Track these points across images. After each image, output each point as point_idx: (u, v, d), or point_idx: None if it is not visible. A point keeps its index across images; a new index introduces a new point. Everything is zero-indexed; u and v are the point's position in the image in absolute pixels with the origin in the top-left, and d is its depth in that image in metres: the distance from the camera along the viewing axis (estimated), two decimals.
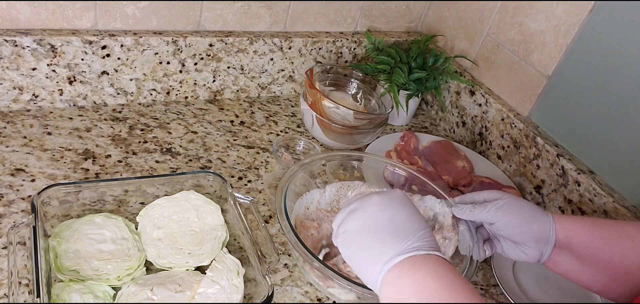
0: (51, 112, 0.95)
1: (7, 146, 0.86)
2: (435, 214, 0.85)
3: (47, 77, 0.93)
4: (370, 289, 0.69)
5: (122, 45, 0.96)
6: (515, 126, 1.10)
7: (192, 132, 1.01)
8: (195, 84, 1.08)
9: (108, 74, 0.98)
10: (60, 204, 0.72)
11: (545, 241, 0.71)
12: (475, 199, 0.78)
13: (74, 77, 0.95)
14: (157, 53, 0.99)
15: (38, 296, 0.59)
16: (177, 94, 1.07)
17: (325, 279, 0.74)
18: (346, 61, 1.24)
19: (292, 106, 1.18)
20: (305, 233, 0.82)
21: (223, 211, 0.80)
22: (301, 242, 0.71)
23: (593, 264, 0.70)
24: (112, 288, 0.68)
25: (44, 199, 0.70)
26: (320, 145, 1.06)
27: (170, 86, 1.05)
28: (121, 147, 0.92)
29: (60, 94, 0.95)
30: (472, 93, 1.19)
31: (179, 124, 1.02)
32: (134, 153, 0.92)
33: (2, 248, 0.71)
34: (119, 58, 0.97)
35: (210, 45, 1.04)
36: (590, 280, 0.71)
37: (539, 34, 1.06)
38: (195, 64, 1.05)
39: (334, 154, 0.91)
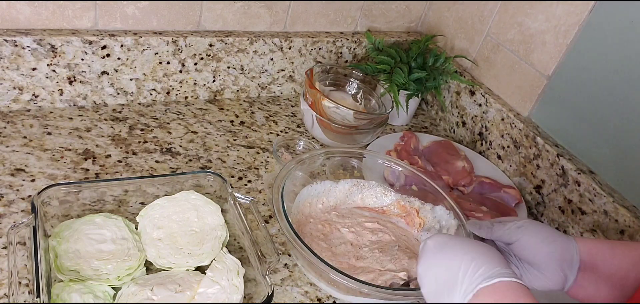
0: (51, 112, 0.95)
1: (7, 146, 0.86)
2: (441, 226, 0.86)
3: (47, 77, 0.93)
4: (373, 286, 0.69)
5: (122, 45, 0.96)
6: (515, 126, 1.10)
7: (192, 132, 1.01)
8: (195, 84, 1.08)
9: (108, 74, 0.98)
10: (60, 204, 0.72)
11: (569, 263, 0.67)
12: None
13: (74, 77, 0.95)
14: (157, 53, 0.99)
15: (38, 296, 0.59)
16: (177, 94, 1.07)
17: (326, 277, 0.74)
18: (346, 61, 1.24)
19: (292, 106, 1.18)
20: (306, 228, 0.82)
21: (223, 211, 0.80)
22: (301, 241, 0.71)
23: (621, 285, 0.66)
24: (112, 288, 0.68)
25: (44, 199, 0.70)
26: (320, 145, 1.06)
27: (170, 86, 1.05)
28: (121, 147, 0.92)
29: (60, 94, 0.95)
30: (472, 93, 1.19)
31: (179, 124, 1.02)
32: (134, 153, 0.92)
33: (2, 248, 0.71)
34: (119, 58, 0.97)
35: (210, 45, 1.04)
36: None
37: (539, 34, 1.06)
38: (195, 64, 1.05)
39: (331, 150, 0.91)
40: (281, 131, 1.09)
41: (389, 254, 0.81)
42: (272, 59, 1.13)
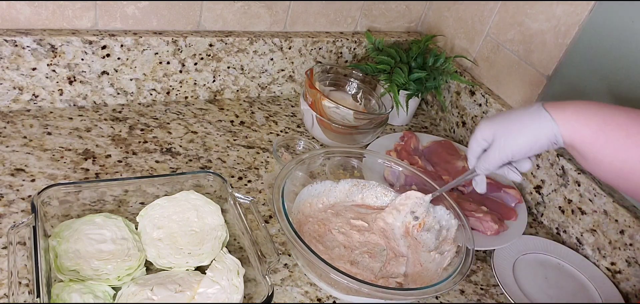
0: (51, 112, 0.95)
1: (7, 146, 0.86)
2: (441, 227, 0.86)
3: (47, 77, 0.93)
4: (373, 286, 0.69)
5: (122, 45, 0.96)
6: None
7: (192, 132, 1.01)
8: (195, 84, 1.08)
9: (108, 74, 0.98)
10: (60, 204, 0.72)
11: (552, 146, 0.69)
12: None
13: (74, 77, 0.95)
14: (157, 53, 0.99)
15: (38, 296, 0.59)
16: (177, 94, 1.07)
17: (326, 277, 0.74)
18: (346, 61, 1.24)
19: (292, 106, 1.18)
20: (307, 226, 0.82)
21: (223, 211, 0.80)
22: (302, 241, 0.71)
23: (596, 163, 0.67)
24: (112, 288, 0.68)
25: (44, 199, 0.70)
26: (320, 145, 1.06)
27: (170, 86, 1.05)
28: (121, 147, 0.92)
29: (60, 94, 0.95)
30: (472, 93, 1.19)
31: (179, 124, 1.02)
32: (134, 153, 0.92)
33: (2, 248, 0.71)
34: (119, 58, 0.97)
35: (210, 45, 1.04)
36: (597, 174, 0.68)
37: (539, 34, 1.06)
38: (195, 64, 1.05)
39: (331, 150, 0.91)
40: (281, 131, 1.09)
41: (378, 260, 0.81)
42: (272, 59, 1.13)
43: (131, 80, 1.00)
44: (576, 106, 0.67)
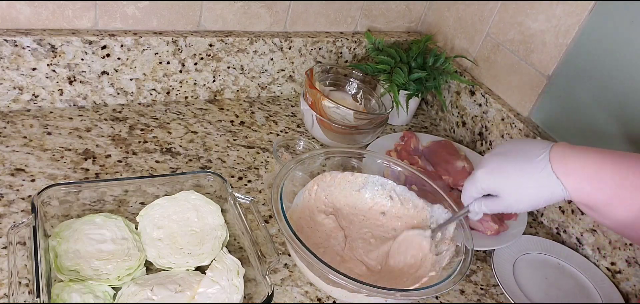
0: (51, 112, 0.95)
1: (7, 146, 0.86)
2: (438, 226, 0.86)
3: (47, 77, 0.93)
4: (373, 287, 0.69)
5: (122, 45, 0.96)
6: (515, 126, 1.10)
7: (192, 132, 1.01)
8: (195, 84, 1.08)
9: (108, 74, 0.98)
10: (60, 204, 0.72)
11: (555, 200, 0.69)
12: (472, 196, 0.76)
13: (74, 77, 0.95)
14: (157, 53, 0.99)
15: (38, 296, 0.59)
16: (177, 94, 1.07)
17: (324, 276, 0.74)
18: (346, 61, 1.24)
19: (292, 106, 1.18)
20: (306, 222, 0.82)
21: (223, 211, 0.80)
22: (301, 242, 0.71)
23: (606, 216, 0.66)
24: (112, 288, 0.68)
25: (44, 199, 0.70)
26: (320, 145, 1.06)
27: (170, 85, 1.05)
28: (121, 147, 0.92)
29: (60, 94, 0.96)
30: (472, 93, 1.19)
31: (179, 124, 1.02)
32: (134, 153, 0.92)
33: (2, 248, 0.71)
34: (119, 58, 0.97)
35: (210, 45, 1.04)
36: (604, 224, 0.68)
37: (539, 34, 1.06)
38: (195, 64, 1.05)
39: (331, 150, 0.91)
40: (281, 131, 1.09)
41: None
42: (272, 59, 1.13)
43: (131, 80, 1.00)
44: (584, 166, 0.66)
